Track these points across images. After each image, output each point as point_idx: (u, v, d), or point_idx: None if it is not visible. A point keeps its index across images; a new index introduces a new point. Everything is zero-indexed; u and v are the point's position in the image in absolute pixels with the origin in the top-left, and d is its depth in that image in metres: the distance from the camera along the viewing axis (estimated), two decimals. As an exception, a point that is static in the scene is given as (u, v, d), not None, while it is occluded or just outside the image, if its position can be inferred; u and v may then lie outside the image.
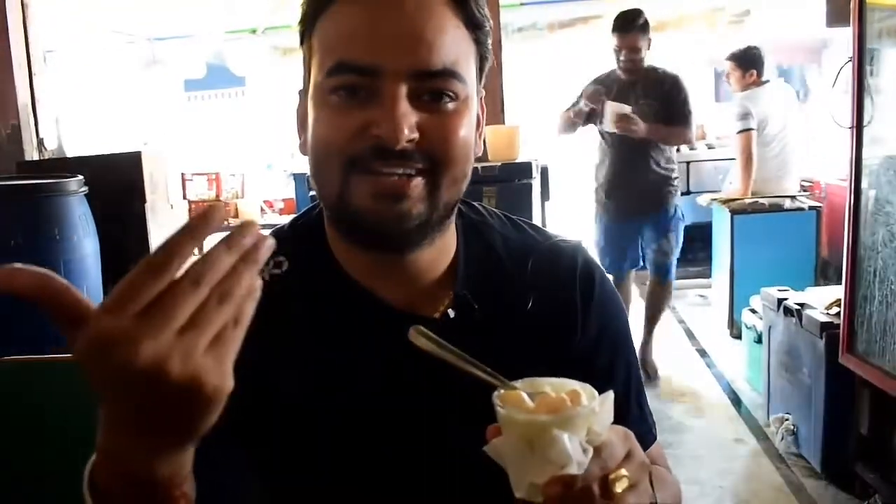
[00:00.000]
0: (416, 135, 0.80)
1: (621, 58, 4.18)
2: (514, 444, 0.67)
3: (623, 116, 4.08)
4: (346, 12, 0.82)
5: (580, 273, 0.99)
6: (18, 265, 0.54)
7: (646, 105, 4.17)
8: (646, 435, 0.99)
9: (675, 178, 4.37)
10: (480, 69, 0.88)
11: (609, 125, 4.15)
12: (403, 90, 0.79)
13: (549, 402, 0.67)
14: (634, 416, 0.99)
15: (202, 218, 0.57)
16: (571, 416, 0.65)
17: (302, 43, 0.88)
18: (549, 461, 0.65)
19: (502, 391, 0.70)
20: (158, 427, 0.59)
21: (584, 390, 0.69)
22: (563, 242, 1.02)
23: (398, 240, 0.85)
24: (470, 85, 0.84)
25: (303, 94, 0.89)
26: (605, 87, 4.23)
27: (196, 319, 0.54)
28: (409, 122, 0.79)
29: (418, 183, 0.82)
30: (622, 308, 1.04)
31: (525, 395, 0.69)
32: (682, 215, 4.37)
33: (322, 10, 0.84)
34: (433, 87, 0.81)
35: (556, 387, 0.70)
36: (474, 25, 0.85)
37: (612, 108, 4.12)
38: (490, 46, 0.89)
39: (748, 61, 4.86)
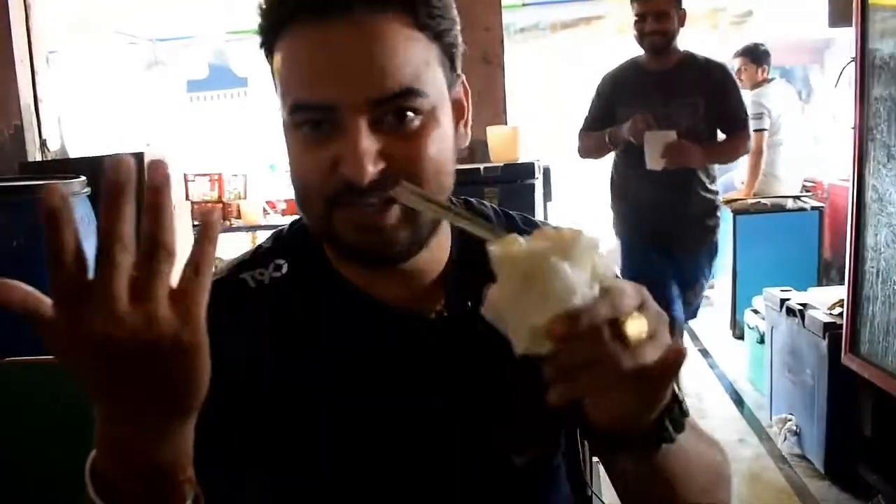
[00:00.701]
0: (381, 165, 0.78)
1: (646, 29, 3.21)
2: (512, 288, 0.61)
3: (672, 147, 3.14)
4: (297, 47, 0.80)
5: None
6: None
7: (682, 105, 3.24)
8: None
9: (719, 200, 3.57)
10: (451, 61, 0.86)
11: (654, 163, 3.17)
12: (363, 123, 0.78)
13: (545, 235, 0.62)
14: None
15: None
16: (572, 245, 0.60)
17: (267, 61, 0.87)
18: (550, 297, 0.59)
19: (498, 239, 0.64)
20: (144, 403, 0.60)
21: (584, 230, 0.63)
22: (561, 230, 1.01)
23: (388, 261, 0.85)
24: (434, 94, 0.82)
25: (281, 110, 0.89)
26: (626, 90, 3.38)
27: (137, 279, 0.54)
28: (371, 158, 0.77)
29: (395, 210, 0.81)
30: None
31: (520, 238, 0.63)
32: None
33: (276, 39, 0.83)
34: (394, 108, 0.79)
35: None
36: (430, 28, 0.82)
37: (654, 140, 3.16)
38: (457, 35, 0.86)
39: (760, 56, 4.91)
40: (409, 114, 0.80)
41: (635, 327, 0.60)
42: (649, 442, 0.71)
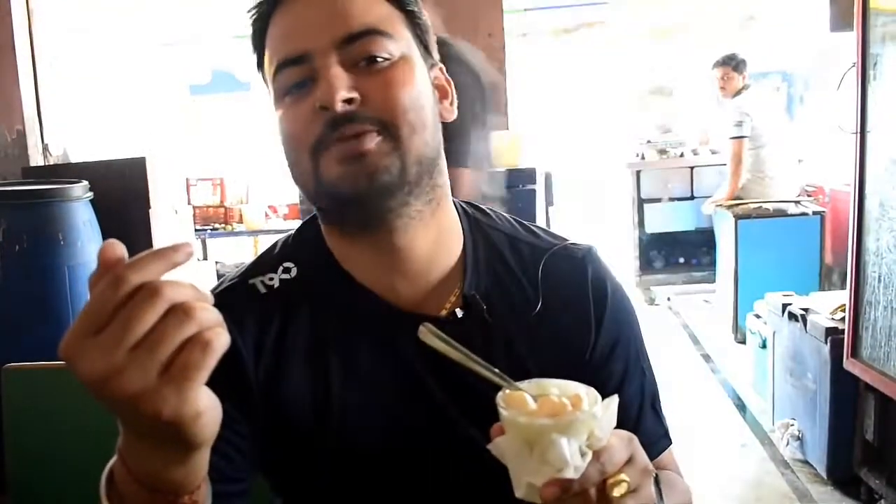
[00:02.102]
0: (354, 94, 0.82)
1: None
2: (515, 445, 0.68)
3: None
4: (277, 26, 0.88)
5: (592, 278, 0.98)
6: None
7: None
8: (660, 440, 0.99)
9: None
10: (420, 39, 0.91)
11: None
12: (333, 59, 0.83)
13: (550, 405, 0.68)
14: (648, 421, 0.98)
15: (172, 249, 0.57)
16: (571, 421, 0.66)
17: (258, 68, 0.93)
18: (547, 464, 0.66)
19: (507, 391, 0.70)
20: (151, 435, 0.61)
21: (588, 394, 0.69)
22: (574, 246, 1.01)
23: (377, 200, 0.84)
24: (404, 43, 0.87)
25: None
26: None
27: (150, 336, 0.54)
28: (343, 83, 0.82)
29: (377, 140, 0.83)
30: (635, 314, 1.03)
31: (529, 397, 0.69)
32: None
33: (264, 44, 0.90)
34: (363, 50, 0.84)
35: (563, 389, 0.71)
36: (399, 5, 0.89)
37: None
38: (426, 20, 0.92)
39: (739, 65, 5.10)
40: (379, 57, 0.84)
41: (620, 488, 0.67)
42: None
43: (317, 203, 0.90)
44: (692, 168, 6.19)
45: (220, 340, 0.56)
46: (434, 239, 0.91)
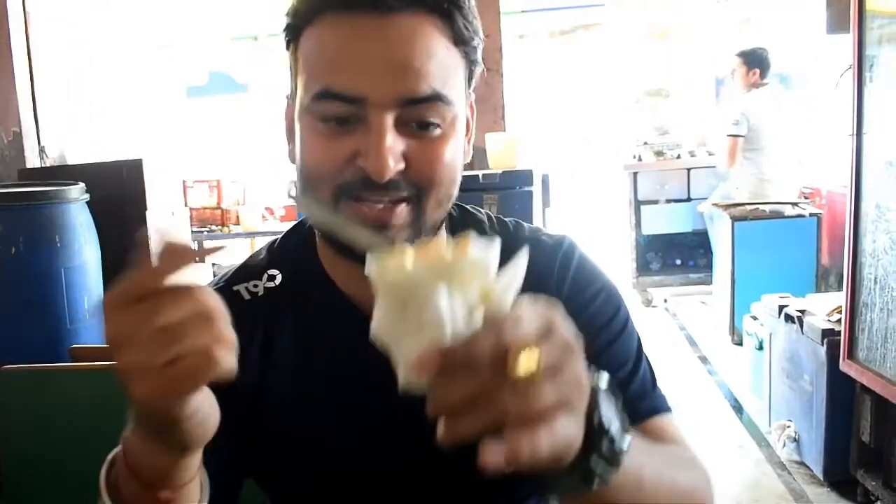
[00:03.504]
0: (401, 165, 0.79)
1: None
2: (390, 314, 0.54)
3: None
4: (330, 34, 0.79)
5: (559, 262, 0.95)
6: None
7: None
8: (646, 399, 0.91)
9: None
10: (469, 78, 0.87)
11: None
12: (390, 120, 0.78)
13: (430, 252, 0.55)
14: (636, 379, 0.92)
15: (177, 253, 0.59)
16: (455, 269, 0.52)
17: (287, 48, 0.87)
18: (423, 330, 0.52)
19: (384, 255, 0.57)
20: (147, 426, 0.65)
21: (478, 240, 0.55)
22: (546, 237, 0.99)
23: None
24: (457, 105, 0.83)
25: (290, 99, 0.88)
26: None
27: (173, 328, 0.56)
28: (394, 155, 0.78)
29: (403, 210, 0.81)
30: (604, 276, 0.97)
31: (408, 251, 0.56)
32: None
33: (307, 24, 0.82)
34: (420, 115, 0.79)
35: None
36: (463, 42, 0.83)
37: None
38: (480, 54, 0.87)
39: (753, 60, 5.06)
40: (433, 121, 0.80)
41: (528, 360, 0.51)
42: (576, 486, 0.62)
43: (320, 233, 0.90)
44: (689, 170, 6.19)
45: (226, 363, 0.58)
46: None
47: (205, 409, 0.64)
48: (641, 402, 0.90)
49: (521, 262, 0.56)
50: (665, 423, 0.92)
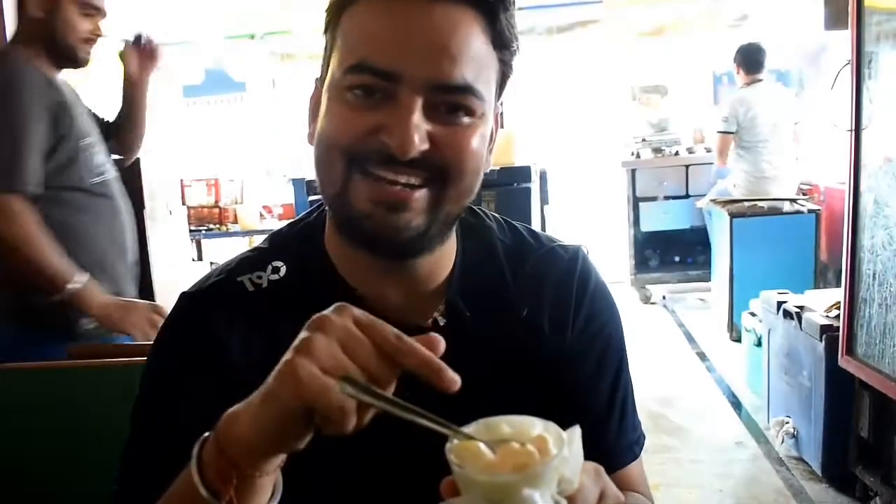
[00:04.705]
0: (426, 146, 0.78)
1: None
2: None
3: None
4: (374, 11, 0.80)
5: (578, 278, 0.97)
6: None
7: None
8: (625, 452, 0.97)
9: None
10: (501, 86, 0.87)
11: None
12: (420, 100, 0.78)
13: (513, 454, 0.60)
14: (615, 429, 0.96)
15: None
16: (541, 471, 0.58)
17: (326, 31, 0.86)
18: None
19: (455, 442, 0.62)
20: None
21: (549, 433, 0.61)
22: (561, 248, 1.00)
23: (395, 247, 0.84)
24: (487, 102, 0.82)
25: (319, 82, 0.88)
26: None
27: (351, 356, 0.67)
28: (420, 134, 0.77)
29: (421, 195, 0.81)
30: (615, 311, 1.01)
31: (483, 447, 0.61)
32: None
33: (351, 3, 0.82)
34: (450, 101, 0.79)
35: (516, 427, 0.63)
36: (501, 45, 0.83)
37: None
38: (513, 64, 0.87)
39: (738, 57, 5.14)
40: (462, 111, 0.80)
41: None
42: None
43: (330, 207, 0.88)
44: (687, 167, 6.19)
45: (352, 420, 0.66)
46: (437, 258, 0.91)
47: (274, 479, 0.72)
48: (620, 454, 0.96)
49: (576, 435, 0.62)
50: (635, 472, 0.99)
